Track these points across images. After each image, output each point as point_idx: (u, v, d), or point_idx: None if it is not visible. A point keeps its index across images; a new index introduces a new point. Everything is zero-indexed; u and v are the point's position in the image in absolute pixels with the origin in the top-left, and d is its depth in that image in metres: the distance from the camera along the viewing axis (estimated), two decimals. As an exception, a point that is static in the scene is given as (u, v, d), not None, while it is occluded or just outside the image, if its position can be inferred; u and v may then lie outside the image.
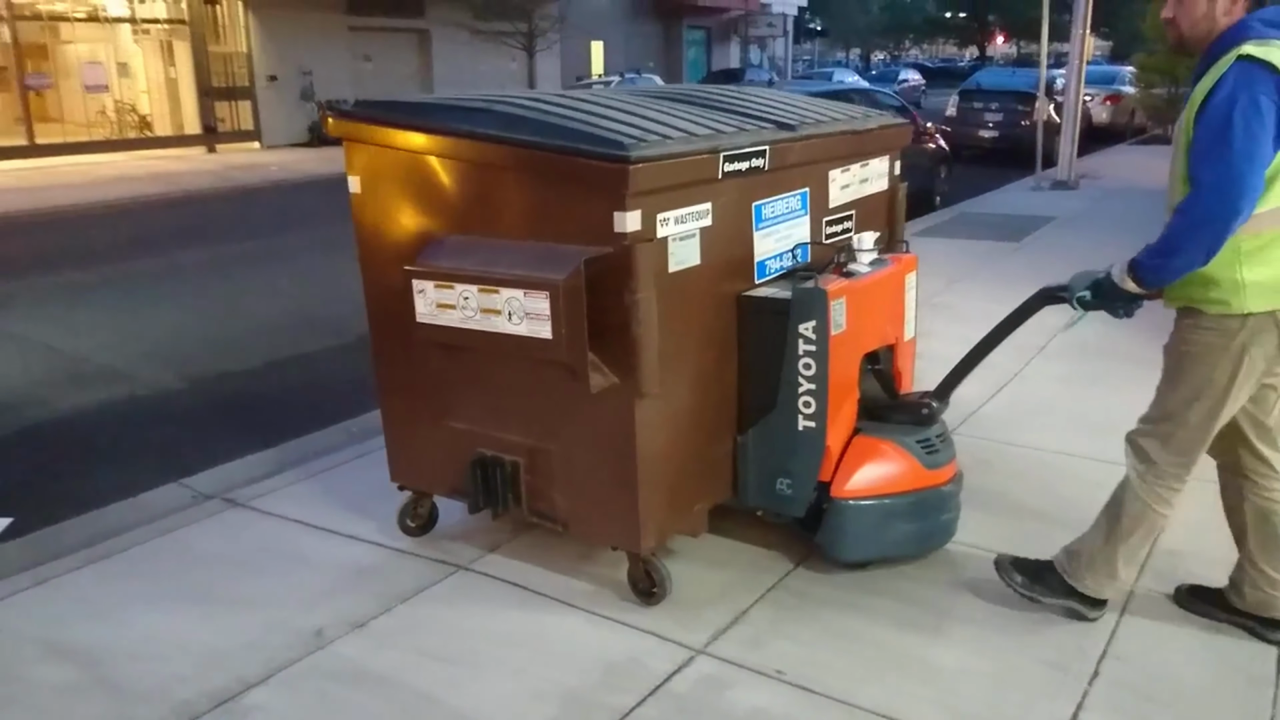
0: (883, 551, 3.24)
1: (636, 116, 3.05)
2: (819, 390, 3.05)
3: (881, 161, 3.92)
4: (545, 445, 3.13)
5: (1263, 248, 2.49)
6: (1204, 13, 2.52)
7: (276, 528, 3.77)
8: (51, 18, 20.14)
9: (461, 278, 2.97)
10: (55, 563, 3.55)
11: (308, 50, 22.13)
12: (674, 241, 2.88)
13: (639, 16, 32.94)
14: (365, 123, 3.23)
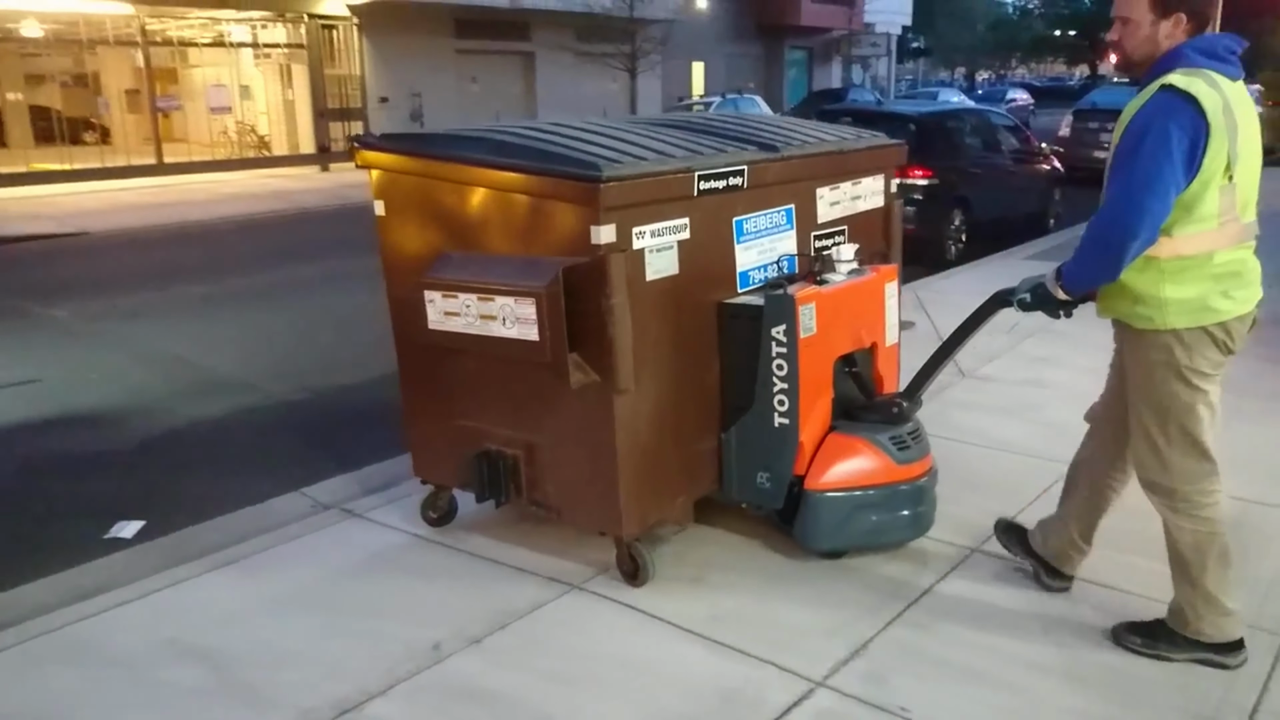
0: (854, 541, 3.45)
1: (620, 141, 3.36)
2: (790, 389, 3.31)
3: (875, 180, 4.16)
4: (540, 439, 3.43)
5: (1185, 269, 2.59)
6: (1146, 36, 2.60)
7: (393, 540, 3.84)
8: (181, 43, 21.24)
9: (464, 288, 3.29)
10: (185, 565, 3.68)
11: (417, 73, 22.82)
12: (650, 253, 3.18)
13: (741, 38, 32.99)
14: (385, 153, 3.61)
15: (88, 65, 20.25)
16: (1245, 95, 2.61)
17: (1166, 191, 2.49)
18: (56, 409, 5.69)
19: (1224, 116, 2.48)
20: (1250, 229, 2.67)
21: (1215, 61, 2.55)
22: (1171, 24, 2.58)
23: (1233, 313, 2.63)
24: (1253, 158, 2.62)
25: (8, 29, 18.71)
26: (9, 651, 3.10)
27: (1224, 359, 2.68)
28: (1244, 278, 2.65)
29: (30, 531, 4.16)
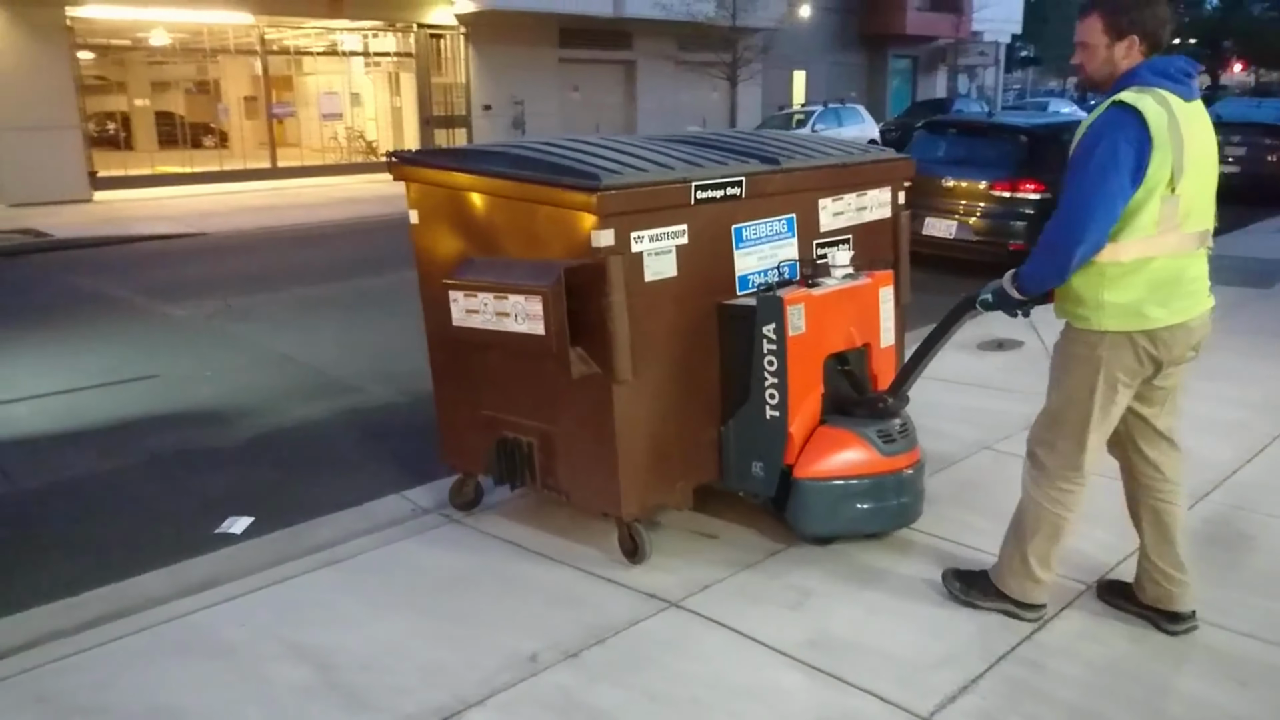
0: (842, 528, 3.67)
1: (627, 155, 3.65)
2: (780, 384, 3.54)
3: (882, 192, 4.39)
4: (551, 428, 3.73)
5: (1124, 274, 2.73)
6: (1104, 59, 2.77)
7: (491, 547, 3.85)
8: (297, 52, 22.00)
9: (482, 288, 3.61)
10: (292, 563, 3.76)
11: (521, 81, 23.16)
12: (649, 256, 3.46)
13: (844, 46, 32.59)
14: (417, 166, 3.98)
15: (210, 73, 21.15)
16: (1200, 114, 2.76)
17: (1112, 201, 2.65)
18: (172, 405, 5.91)
19: (1169, 132, 2.62)
20: (1193, 239, 2.79)
21: (1168, 81, 2.70)
22: (1126, 46, 2.75)
23: (1164, 321, 2.76)
24: (1203, 173, 2.76)
25: (138, 38, 19.68)
26: (122, 641, 3.21)
27: (1141, 371, 2.83)
28: (1180, 287, 2.77)
29: (147, 524, 4.32)
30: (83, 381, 6.34)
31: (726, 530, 3.90)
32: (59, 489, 4.67)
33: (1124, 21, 2.72)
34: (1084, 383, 2.86)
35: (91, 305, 8.85)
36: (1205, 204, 2.80)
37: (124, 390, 6.17)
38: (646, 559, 3.63)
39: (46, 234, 13.56)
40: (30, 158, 16.66)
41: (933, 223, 9.42)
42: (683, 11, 22.58)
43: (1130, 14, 2.72)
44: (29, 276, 10.55)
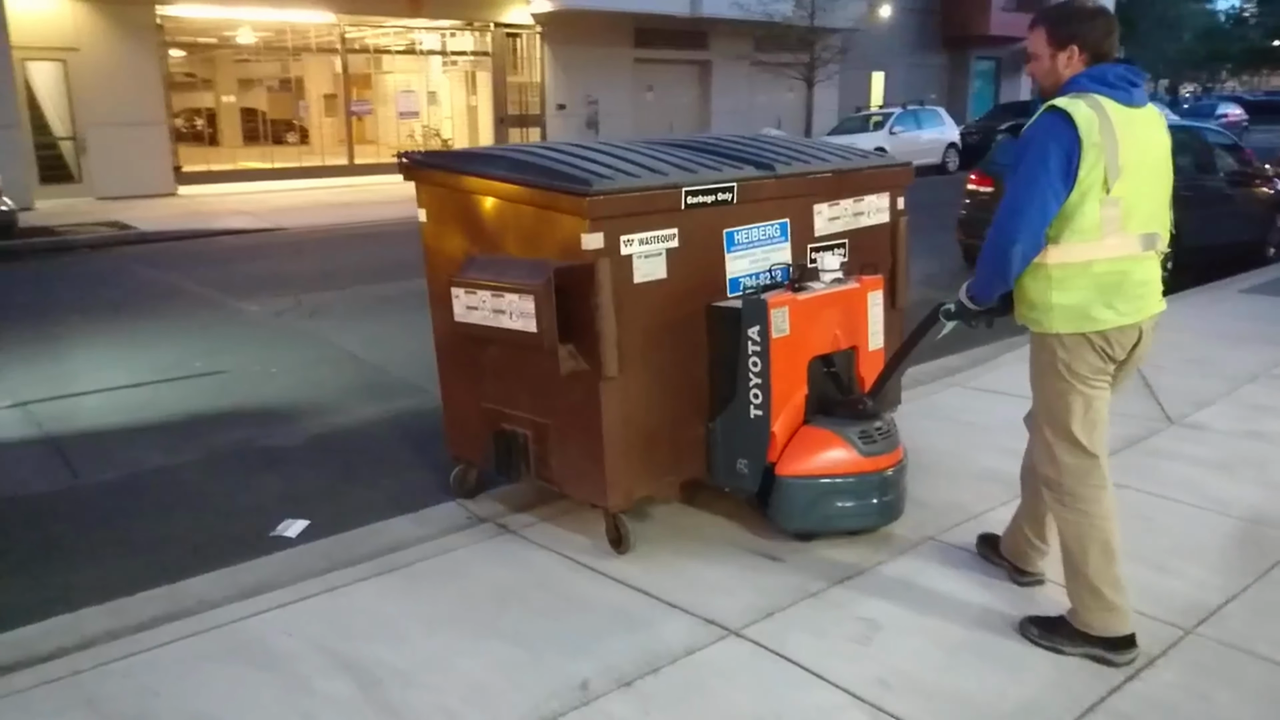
0: (822, 525, 3.74)
1: (622, 160, 3.77)
2: (764, 384, 3.64)
3: (880, 198, 4.49)
4: (544, 420, 3.86)
5: (1068, 276, 2.81)
6: (1048, 68, 2.89)
7: (544, 561, 3.73)
8: (376, 50, 22.31)
9: (481, 285, 3.76)
10: (345, 571, 3.69)
11: (595, 81, 23.15)
12: (638, 258, 3.57)
13: (925, 48, 31.91)
14: (426, 168, 4.15)
15: (292, 71, 21.55)
16: (1148, 119, 2.84)
17: (1044, 199, 2.73)
18: (238, 401, 5.93)
19: (1100, 134, 2.69)
20: (1137, 242, 2.83)
21: (1105, 87, 2.77)
22: (1067, 56, 2.85)
23: (1112, 323, 2.82)
24: (1147, 177, 2.82)
25: (224, 36, 20.16)
26: (171, 647, 3.16)
27: (1105, 366, 2.88)
28: (1126, 290, 2.82)
29: (204, 523, 4.30)
30: (153, 375, 6.42)
31: (789, 551, 3.72)
32: (121, 484, 4.69)
33: (1064, 33, 2.85)
34: (1055, 388, 2.92)
35: (168, 299, 9.01)
36: (1151, 208, 2.85)
37: (192, 385, 6.22)
38: (631, 549, 3.76)
39: (131, 227, 13.93)
40: (119, 153, 17.16)
41: (1016, 230, 9.04)
42: (760, 11, 22.31)
43: (1070, 26, 2.86)
44: (111, 269, 10.81)
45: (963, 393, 5.86)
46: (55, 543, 4.09)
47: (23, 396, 5.92)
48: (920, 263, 10.24)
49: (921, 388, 5.99)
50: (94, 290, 9.53)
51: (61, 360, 6.80)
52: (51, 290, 9.52)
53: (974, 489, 4.37)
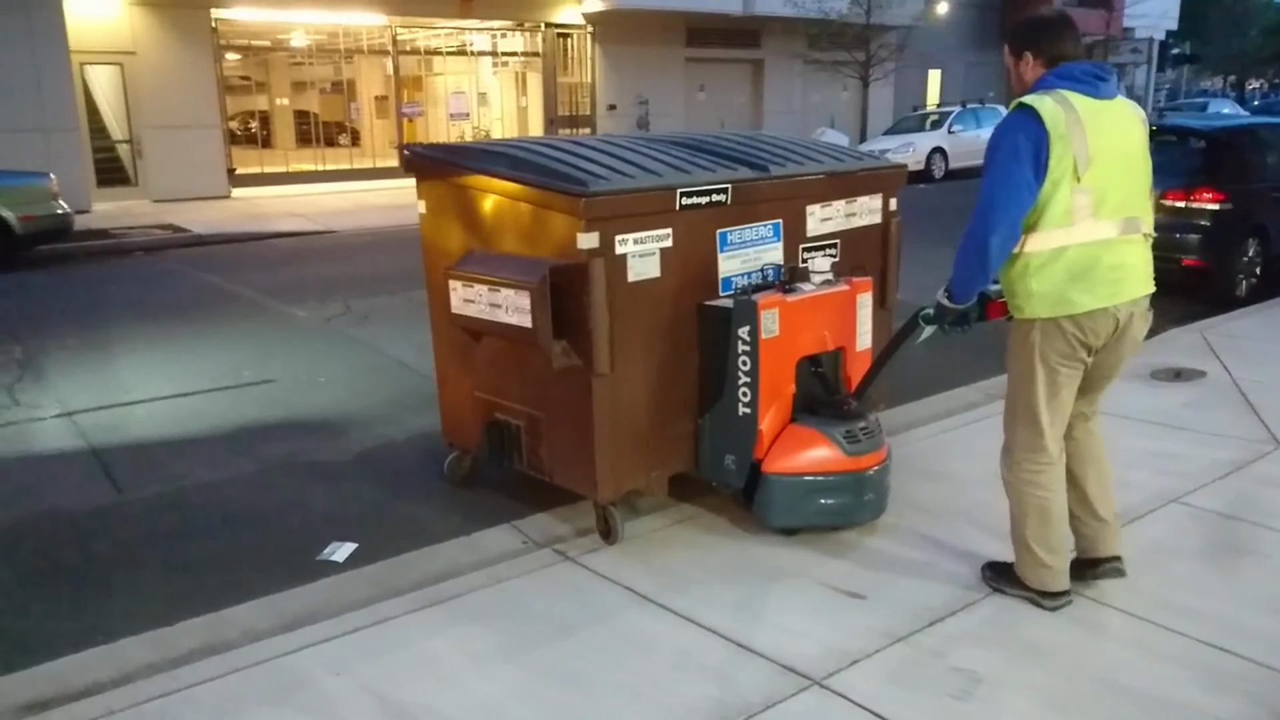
0: (806, 520, 3.81)
1: (618, 160, 3.82)
2: (753, 383, 3.72)
3: (873, 199, 4.57)
4: (536, 412, 3.96)
5: (1044, 264, 2.94)
6: (1017, 77, 3.10)
7: (606, 594, 3.48)
8: (427, 52, 22.29)
9: (478, 280, 3.83)
10: (393, 601, 3.47)
11: (646, 80, 22.90)
12: (632, 257, 3.64)
13: (982, 45, 31.18)
14: (426, 161, 4.25)
15: (344, 73, 21.60)
16: (1118, 110, 2.99)
17: (1019, 191, 2.87)
18: (286, 411, 5.76)
19: (1067, 126, 2.84)
20: (1112, 227, 2.95)
21: (1071, 82, 2.93)
22: (1025, 63, 3.08)
23: (1087, 306, 2.94)
24: (1118, 165, 2.94)
25: (278, 39, 20.25)
26: (212, 684, 2.97)
27: (1075, 352, 3.02)
28: (1098, 274, 2.94)
29: (249, 543, 4.11)
30: (201, 384, 6.28)
31: (871, 586, 3.43)
32: (165, 500, 4.53)
33: (1019, 43, 3.10)
34: (1026, 369, 3.08)
35: (218, 303, 8.93)
36: (1125, 194, 2.96)
37: (240, 394, 6.07)
38: (620, 540, 3.85)
39: (185, 230, 13.97)
40: (174, 155, 17.29)
41: (1091, 234, 8.59)
42: (815, 8, 21.90)
43: (1022, 36, 3.10)
44: (164, 272, 10.80)
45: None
46: (96, 563, 3.93)
47: (69, 405, 5.82)
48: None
49: (999, 403, 5.64)
50: (146, 294, 9.49)
51: (110, 367, 6.70)
52: (104, 294, 9.50)
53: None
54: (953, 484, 4.42)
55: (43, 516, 4.35)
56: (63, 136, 15.67)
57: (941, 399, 5.85)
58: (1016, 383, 3.15)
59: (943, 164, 21.06)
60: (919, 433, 5.12)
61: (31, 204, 11.04)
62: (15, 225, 10.82)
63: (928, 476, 4.45)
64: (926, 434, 5.11)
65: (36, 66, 15.35)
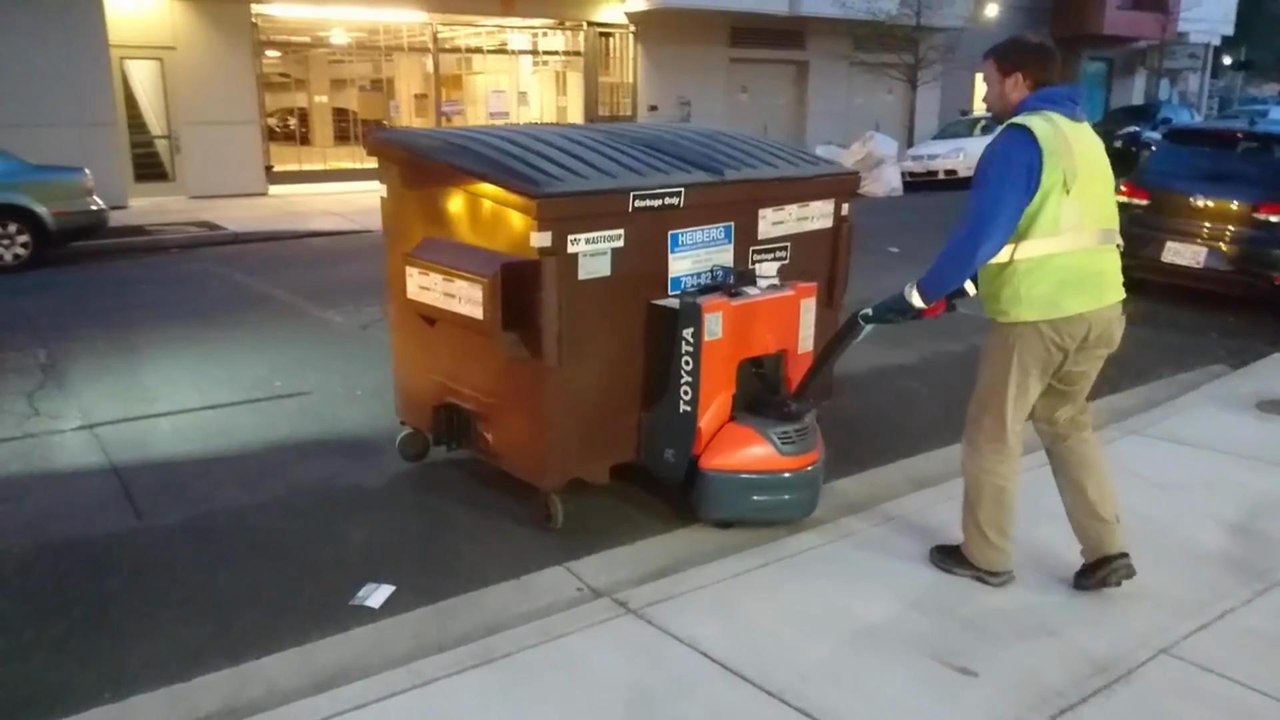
0: (739, 515, 3.99)
1: (572, 158, 3.96)
2: (694, 382, 3.86)
3: (825, 204, 4.72)
4: (488, 399, 4.09)
5: (1034, 269, 3.13)
6: (999, 94, 3.26)
7: (678, 659, 3.05)
8: (468, 50, 21.99)
9: (434, 268, 3.96)
10: (436, 658, 3.08)
11: (688, 81, 22.47)
12: (584, 256, 3.76)
13: (1031, 47, 30.41)
14: (386, 144, 4.43)
15: (383, 71, 21.36)
16: (1086, 131, 3.17)
17: (1013, 206, 3.05)
18: (321, 427, 5.39)
19: (1056, 142, 3.02)
20: (1093, 236, 3.15)
21: (1052, 105, 3.12)
22: (1013, 82, 3.21)
23: (1073, 310, 3.13)
24: (1095, 180, 3.13)
25: (317, 36, 20.04)
26: (235, 765, 2.58)
27: (1049, 355, 3.19)
28: (1081, 283, 3.13)
29: (278, 580, 3.73)
30: (231, 395, 5.93)
31: (982, 658, 2.98)
32: (190, 528, 4.16)
33: (1010, 62, 3.22)
34: (1002, 369, 3.25)
35: (252, 306, 8.61)
36: (1100, 206, 3.17)
37: (273, 408, 5.71)
38: (559, 526, 4.03)
39: (221, 227, 13.72)
40: (212, 152, 17.09)
41: (1176, 248, 8.05)
42: (863, 9, 21.36)
43: (1015, 56, 3.22)
44: (198, 271, 10.52)
45: (1143, 443, 5.01)
46: (111, 601, 3.57)
47: (91, 416, 5.48)
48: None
49: (1092, 434, 5.16)
50: (177, 294, 9.19)
51: (136, 375, 6.36)
52: (135, 293, 9.22)
53: (1192, 575, 3.58)
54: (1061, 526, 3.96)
55: (56, 544, 4.00)
56: (101, 131, 15.50)
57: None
58: (990, 380, 3.32)
59: (993, 170, 20.41)
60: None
61: (65, 199, 10.80)
62: (49, 221, 10.59)
63: (1035, 517, 3.99)
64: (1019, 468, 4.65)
65: (75, 61, 15.19)
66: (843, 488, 4.58)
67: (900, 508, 4.22)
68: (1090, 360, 3.30)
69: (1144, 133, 23.45)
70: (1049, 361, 3.21)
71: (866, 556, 3.75)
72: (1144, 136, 23.37)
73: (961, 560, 3.53)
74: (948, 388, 6.18)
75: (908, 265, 10.50)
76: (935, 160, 20.21)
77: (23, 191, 10.50)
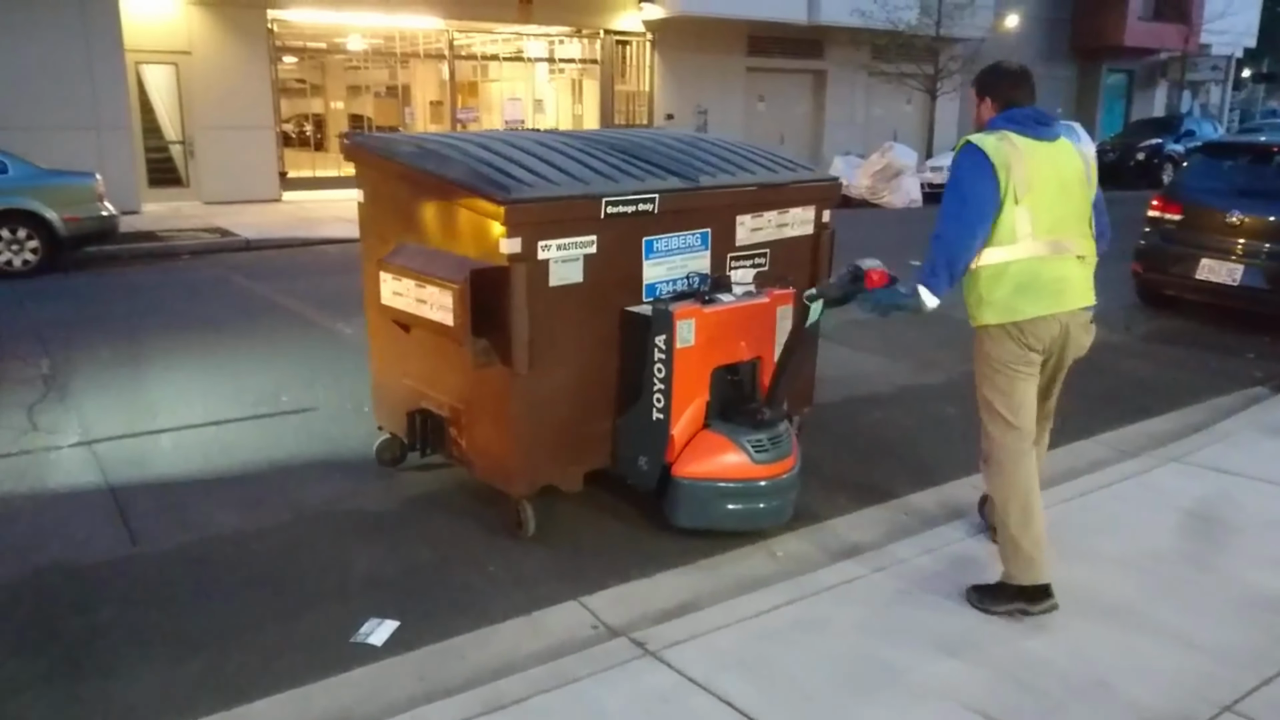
0: (711, 523, 3.97)
1: (544, 163, 3.92)
2: (666, 390, 3.84)
3: (805, 210, 4.69)
4: (459, 405, 4.07)
5: (993, 276, 3.33)
6: (976, 115, 3.58)
7: (703, 709, 2.84)
8: (484, 57, 21.88)
9: (407, 273, 3.89)
10: (442, 704, 2.89)
11: (706, 90, 22.31)
12: (555, 263, 3.73)
13: (1051, 58, 30.15)
14: (362, 149, 4.35)
15: (399, 77, 21.27)
16: (1056, 148, 3.36)
17: (967, 217, 3.29)
18: (327, 446, 5.20)
19: (1006, 157, 3.25)
20: (1046, 246, 3.31)
21: (1014, 125, 3.36)
22: (985, 105, 3.52)
23: (1031, 314, 3.30)
24: (1052, 194, 3.31)
25: (334, 42, 19.96)
26: (217, 827, 2.38)
27: (1025, 354, 3.35)
28: (1038, 287, 3.31)
29: (276, 614, 3.54)
30: (236, 410, 5.75)
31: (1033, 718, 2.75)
32: (186, 555, 3.97)
33: (980, 88, 3.54)
34: (986, 372, 3.42)
35: (261, 315, 8.45)
36: (1056, 220, 3.31)
37: (278, 424, 5.53)
38: (529, 534, 4.00)
39: (233, 234, 13.60)
40: (226, 157, 17.00)
41: (1211, 266, 7.78)
42: (884, 19, 21.15)
43: (983, 82, 3.53)
44: (210, 279, 10.38)
45: (1186, 473, 4.78)
46: (101, 634, 3.38)
47: (91, 431, 5.30)
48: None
49: (1130, 462, 4.93)
50: (188, 303, 9.04)
51: (140, 386, 6.19)
52: (144, 301, 9.07)
53: (1255, 624, 3.33)
54: (1105, 567, 3.73)
55: (46, 571, 3.81)
56: (115, 135, 15.42)
57: (1062, 455, 5.15)
58: (983, 387, 3.45)
59: (1014, 182, 20.13)
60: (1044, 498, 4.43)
61: (76, 205, 10.67)
62: (59, 226, 10.46)
63: (1077, 557, 3.76)
64: (1052, 499, 4.42)
65: (90, 64, 15.12)
66: (872, 516, 4.37)
67: (938, 538, 4.01)
68: (1059, 366, 3.50)
69: (1167, 145, 23.15)
70: (1026, 360, 3.34)
71: (899, 593, 3.54)
72: (1167, 149, 23.08)
73: (999, 596, 3.41)
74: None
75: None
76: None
77: (32, 196, 10.38)
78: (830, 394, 5.95)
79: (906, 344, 7.27)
